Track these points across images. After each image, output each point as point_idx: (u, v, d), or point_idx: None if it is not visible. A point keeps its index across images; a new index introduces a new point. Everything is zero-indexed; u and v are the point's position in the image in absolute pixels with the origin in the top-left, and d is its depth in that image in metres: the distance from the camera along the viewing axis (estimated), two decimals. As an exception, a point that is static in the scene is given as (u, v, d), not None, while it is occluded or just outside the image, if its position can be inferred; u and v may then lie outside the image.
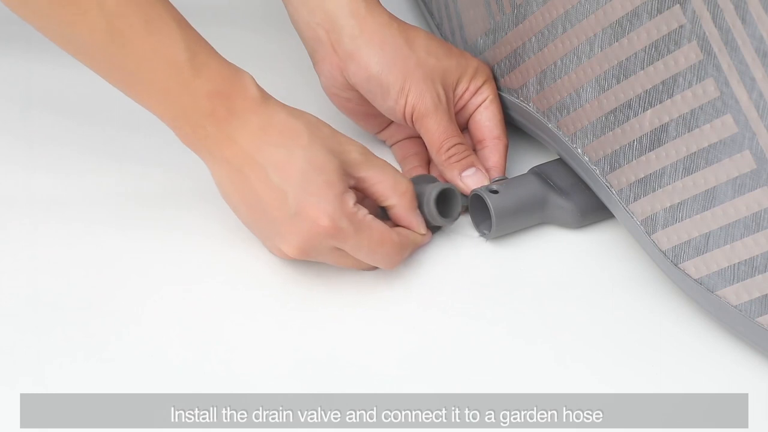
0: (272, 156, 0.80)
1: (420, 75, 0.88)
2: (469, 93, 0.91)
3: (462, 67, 0.91)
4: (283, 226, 0.81)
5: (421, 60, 0.88)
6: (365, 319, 0.82)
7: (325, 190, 0.80)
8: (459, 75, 0.90)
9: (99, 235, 0.87)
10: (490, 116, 0.91)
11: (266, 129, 0.81)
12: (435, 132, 0.88)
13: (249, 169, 0.80)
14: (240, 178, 0.81)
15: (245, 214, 0.83)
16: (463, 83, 0.91)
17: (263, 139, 0.80)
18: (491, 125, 0.91)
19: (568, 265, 0.87)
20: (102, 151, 0.94)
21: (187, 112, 0.80)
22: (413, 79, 0.88)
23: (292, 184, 0.80)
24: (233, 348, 0.80)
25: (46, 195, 0.89)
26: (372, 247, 0.82)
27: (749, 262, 0.77)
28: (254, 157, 0.80)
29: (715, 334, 0.81)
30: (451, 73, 0.90)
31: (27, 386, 0.76)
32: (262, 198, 0.80)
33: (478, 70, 0.91)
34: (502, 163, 0.91)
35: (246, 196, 0.81)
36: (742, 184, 0.76)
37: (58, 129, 0.95)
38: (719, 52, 0.76)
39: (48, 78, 1.00)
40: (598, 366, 0.80)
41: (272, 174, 0.80)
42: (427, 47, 0.89)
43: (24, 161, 0.93)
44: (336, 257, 0.83)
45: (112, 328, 0.80)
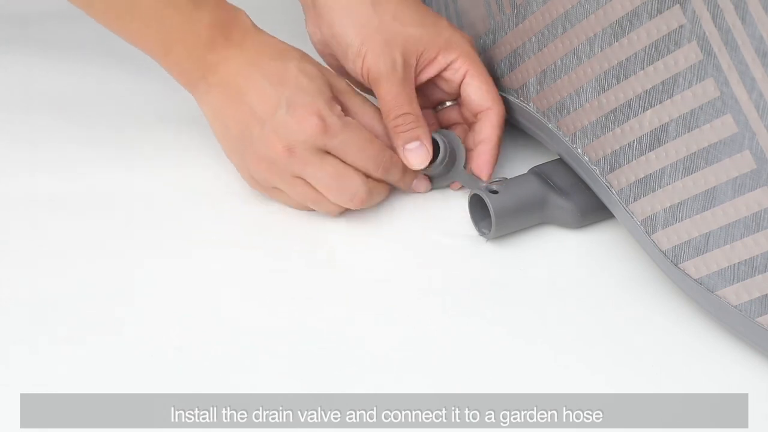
0: (267, 67, 0.86)
1: (379, 39, 0.88)
2: (438, 64, 0.90)
3: (430, 36, 0.90)
4: (270, 126, 0.84)
5: (384, 24, 0.89)
6: (365, 318, 0.82)
7: (315, 93, 0.85)
8: (426, 44, 0.89)
9: (99, 235, 0.87)
10: (474, 90, 0.91)
11: (262, 50, 0.86)
12: (385, 98, 0.89)
13: (244, 81, 0.85)
14: (234, 92, 0.85)
15: (233, 130, 0.86)
16: (428, 53, 0.90)
17: (259, 57, 0.86)
18: (477, 98, 0.91)
19: (568, 265, 0.87)
20: (102, 151, 0.94)
21: (186, 42, 0.85)
22: (372, 42, 0.89)
23: (285, 88, 0.85)
24: (233, 348, 0.80)
25: (47, 194, 0.89)
26: (361, 144, 0.86)
27: (749, 262, 0.77)
28: (249, 70, 0.85)
29: (715, 334, 0.81)
30: (416, 41, 0.89)
31: (27, 386, 0.76)
32: (254, 104, 0.85)
33: (451, 43, 0.90)
34: (495, 133, 0.90)
35: (238, 109, 0.85)
36: (742, 184, 0.76)
37: (58, 128, 0.95)
38: (719, 52, 0.76)
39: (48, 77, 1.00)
40: (598, 366, 0.80)
41: (267, 83, 0.85)
42: (396, 13, 0.89)
43: (24, 160, 0.93)
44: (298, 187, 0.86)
45: (112, 328, 0.80)
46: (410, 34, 0.89)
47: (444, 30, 0.90)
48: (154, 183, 0.91)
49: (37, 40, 1.05)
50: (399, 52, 0.89)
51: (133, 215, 0.88)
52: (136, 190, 0.91)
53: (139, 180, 0.91)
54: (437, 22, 0.90)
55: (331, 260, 0.86)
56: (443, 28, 0.90)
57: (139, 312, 0.82)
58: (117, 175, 0.92)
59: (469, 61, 0.91)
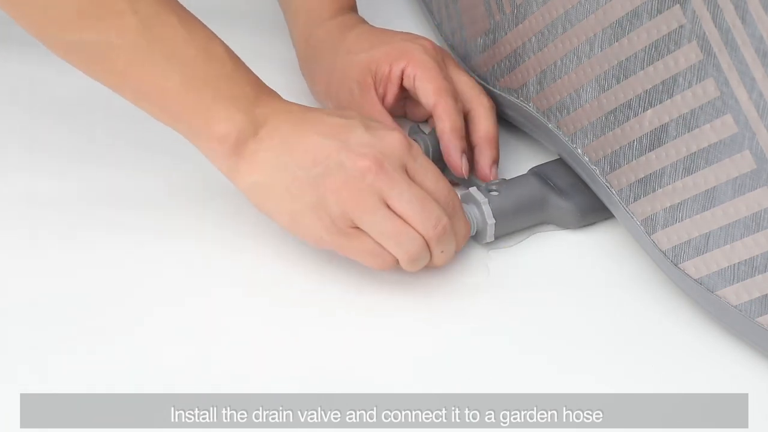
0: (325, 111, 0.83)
1: (337, 77, 0.94)
2: (395, 75, 0.92)
3: (381, 53, 0.92)
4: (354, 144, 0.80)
5: (339, 60, 0.93)
6: (365, 319, 0.82)
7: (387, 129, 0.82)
8: (377, 61, 0.92)
9: (100, 235, 0.87)
10: (421, 91, 0.92)
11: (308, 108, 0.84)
12: None
13: (307, 117, 0.81)
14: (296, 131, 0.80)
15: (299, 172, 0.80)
16: (382, 68, 0.92)
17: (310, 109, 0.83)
18: (423, 98, 0.92)
19: (568, 265, 0.87)
20: (102, 151, 0.94)
21: (235, 99, 0.80)
22: (331, 83, 0.94)
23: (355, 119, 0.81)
24: (233, 348, 0.80)
25: (47, 196, 0.89)
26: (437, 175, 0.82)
27: (749, 262, 0.77)
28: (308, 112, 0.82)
29: (715, 334, 0.81)
30: (367, 63, 0.93)
31: (27, 386, 0.76)
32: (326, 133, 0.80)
33: (403, 53, 0.92)
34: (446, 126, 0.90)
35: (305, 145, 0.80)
36: (742, 184, 0.76)
37: (58, 128, 0.95)
38: (719, 52, 0.76)
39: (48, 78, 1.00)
40: (598, 366, 0.80)
41: (334, 115, 0.82)
42: (350, 47, 0.94)
43: (24, 160, 0.93)
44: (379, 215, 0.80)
45: (112, 327, 0.80)
46: (361, 59, 0.93)
47: (396, 44, 0.93)
48: (155, 183, 0.91)
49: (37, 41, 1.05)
50: (354, 80, 0.92)
51: (133, 215, 0.88)
52: (136, 190, 0.91)
53: (140, 180, 0.91)
54: (390, 40, 0.94)
55: (330, 259, 0.86)
56: (396, 42, 0.93)
57: (140, 312, 0.82)
58: (117, 175, 0.92)
59: (417, 64, 0.92)
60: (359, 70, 0.93)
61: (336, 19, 0.96)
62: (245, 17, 1.08)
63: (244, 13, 1.09)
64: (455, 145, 0.90)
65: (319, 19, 0.96)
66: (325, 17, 0.96)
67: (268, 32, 1.06)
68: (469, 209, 0.86)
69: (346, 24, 0.96)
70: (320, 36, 0.96)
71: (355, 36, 0.94)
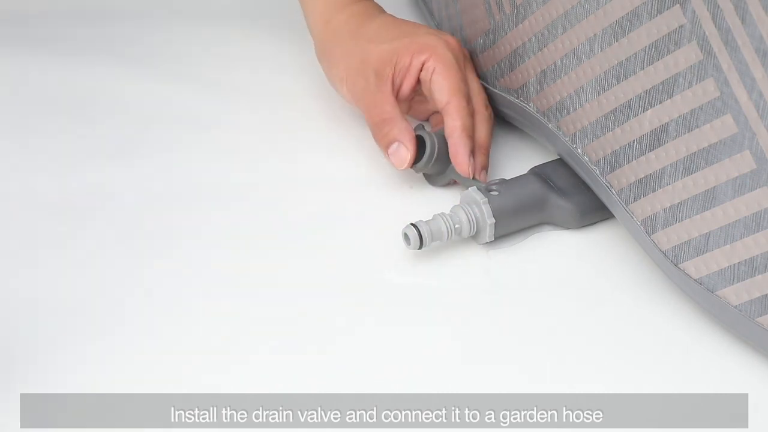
0: None
1: (356, 63, 0.94)
2: (414, 68, 0.93)
3: (403, 45, 0.93)
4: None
5: (360, 48, 0.94)
6: (364, 319, 0.82)
7: None
8: (399, 53, 0.93)
9: (99, 235, 0.87)
10: (436, 87, 0.92)
11: None
12: (366, 111, 0.93)
13: None
14: None
15: None
16: (402, 60, 0.93)
17: None
18: (437, 94, 0.92)
19: (568, 265, 0.87)
20: (102, 151, 0.94)
21: None
22: (350, 69, 0.95)
23: None
24: (233, 348, 0.80)
25: (46, 195, 0.89)
26: None
27: (749, 262, 0.77)
28: None
29: (715, 334, 0.81)
30: (389, 54, 0.93)
31: (27, 386, 0.76)
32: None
33: (425, 46, 0.93)
34: (456, 125, 0.91)
35: None
36: (742, 184, 0.76)
37: (58, 128, 0.95)
38: (719, 52, 0.76)
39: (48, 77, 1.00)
40: (598, 366, 0.80)
41: None
42: (372, 36, 0.95)
43: (24, 160, 0.93)
44: None
45: (112, 327, 0.80)
46: (383, 49, 0.93)
47: (420, 36, 0.94)
48: (155, 183, 0.91)
49: (37, 40, 1.05)
50: (372, 69, 0.93)
51: (133, 215, 0.88)
52: (136, 189, 0.91)
53: (140, 180, 0.91)
54: (414, 32, 0.95)
55: (330, 260, 0.86)
56: (419, 35, 0.94)
57: (140, 311, 0.82)
58: (117, 174, 0.92)
59: (439, 59, 0.93)
60: (380, 60, 0.93)
61: (357, 5, 0.97)
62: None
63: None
64: (465, 144, 0.90)
65: (340, 4, 0.98)
66: (346, 2, 0.98)
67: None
68: (469, 209, 0.86)
69: (368, 11, 0.97)
70: (341, 20, 0.97)
71: (377, 25, 0.95)
